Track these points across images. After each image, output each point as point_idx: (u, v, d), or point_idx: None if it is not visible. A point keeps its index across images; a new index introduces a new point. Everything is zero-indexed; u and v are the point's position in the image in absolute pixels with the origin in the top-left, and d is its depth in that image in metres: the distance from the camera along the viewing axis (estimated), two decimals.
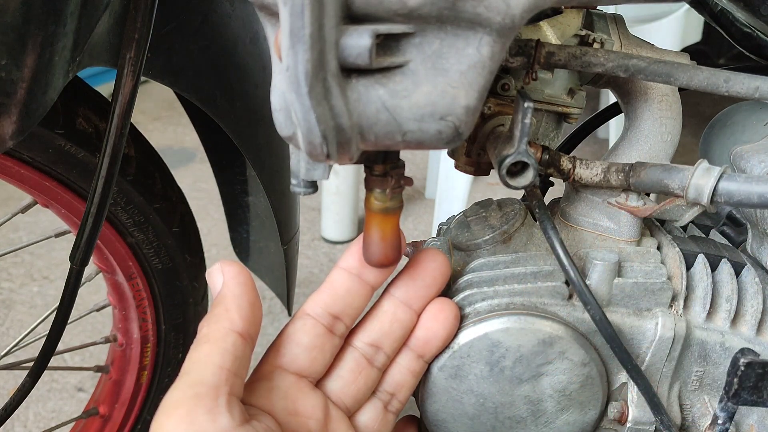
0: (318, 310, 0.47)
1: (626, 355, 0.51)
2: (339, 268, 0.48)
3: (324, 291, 0.47)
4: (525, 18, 0.37)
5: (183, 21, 0.64)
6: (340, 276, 0.47)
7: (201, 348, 0.41)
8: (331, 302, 0.47)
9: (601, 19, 0.59)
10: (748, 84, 0.51)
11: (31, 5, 0.45)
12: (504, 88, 0.57)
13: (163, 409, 0.39)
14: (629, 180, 0.52)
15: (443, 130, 0.38)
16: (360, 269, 0.47)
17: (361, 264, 0.47)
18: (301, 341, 0.46)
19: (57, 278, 1.66)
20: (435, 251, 0.49)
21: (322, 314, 0.47)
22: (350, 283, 0.47)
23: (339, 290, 0.47)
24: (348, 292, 0.47)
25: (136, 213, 0.74)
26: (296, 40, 0.32)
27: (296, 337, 0.46)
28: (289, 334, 0.46)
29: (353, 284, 0.47)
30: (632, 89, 0.57)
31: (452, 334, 0.51)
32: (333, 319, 0.47)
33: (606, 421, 0.57)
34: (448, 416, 0.55)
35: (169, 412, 0.38)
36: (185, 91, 0.67)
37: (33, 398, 1.31)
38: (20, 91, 0.47)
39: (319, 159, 0.37)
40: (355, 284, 0.47)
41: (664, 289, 0.54)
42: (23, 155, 0.65)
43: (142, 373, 0.88)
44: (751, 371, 0.48)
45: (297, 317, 0.47)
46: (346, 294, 0.47)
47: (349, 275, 0.47)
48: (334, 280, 0.47)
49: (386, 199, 0.45)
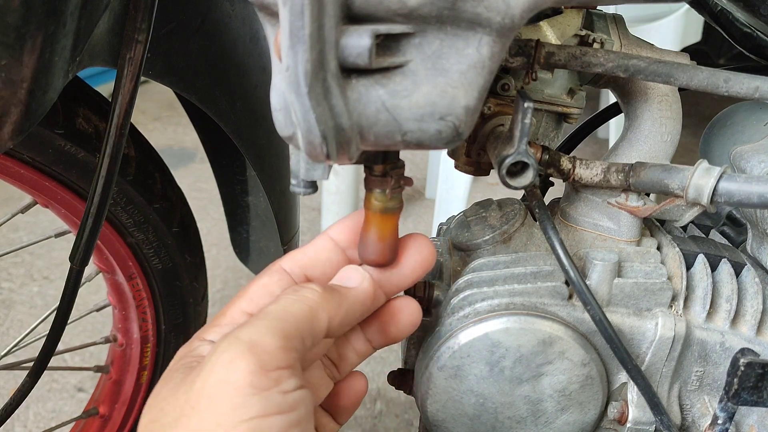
0: (295, 269, 0.47)
1: (626, 355, 0.51)
2: (326, 236, 0.48)
3: (306, 252, 0.48)
4: (525, 18, 0.37)
5: (183, 21, 0.64)
6: (325, 243, 0.48)
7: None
8: (310, 265, 0.47)
9: (601, 19, 0.59)
10: (748, 84, 0.51)
11: (31, 5, 0.45)
12: (504, 88, 0.57)
13: (237, 343, 0.38)
14: (629, 180, 0.52)
15: (443, 130, 0.38)
16: (347, 245, 0.48)
17: (348, 241, 0.47)
18: (274, 293, 0.46)
19: (57, 278, 1.66)
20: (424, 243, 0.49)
21: (299, 273, 0.47)
22: (332, 253, 0.48)
23: (321, 255, 0.48)
24: (328, 260, 0.48)
25: (136, 213, 0.74)
26: (296, 40, 0.32)
27: (271, 288, 0.46)
28: (264, 284, 0.46)
29: (335, 255, 0.48)
30: (632, 89, 0.57)
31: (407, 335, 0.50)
32: (306, 280, 0.47)
33: (606, 421, 0.57)
34: (448, 416, 0.55)
35: (249, 355, 0.37)
36: (185, 91, 0.67)
37: (33, 398, 1.31)
38: (20, 91, 0.47)
39: (319, 159, 0.37)
40: (337, 255, 0.48)
41: (664, 289, 0.54)
42: (23, 155, 0.65)
43: (142, 373, 0.88)
44: (751, 371, 0.48)
45: (273, 270, 0.47)
46: (326, 261, 0.48)
47: (335, 245, 0.48)
48: (319, 245, 0.48)
49: (386, 199, 0.45)
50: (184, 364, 0.42)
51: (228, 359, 0.37)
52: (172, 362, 0.43)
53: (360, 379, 0.51)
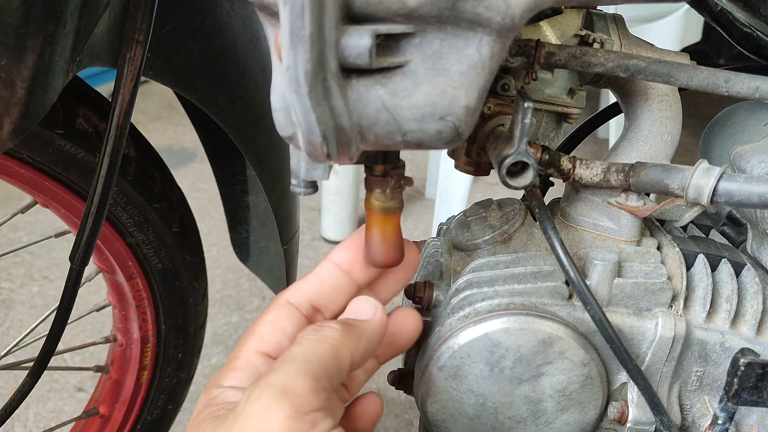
0: (302, 301, 0.46)
1: (626, 355, 0.51)
2: (330, 262, 0.47)
3: (311, 282, 0.47)
4: (525, 18, 0.37)
5: (183, 21, 0.64)
6: (329, 270, 0.47)
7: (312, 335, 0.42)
8: (316, 295, 0.47)
9: (601, 19, 0.59)
10: (748, 84, 0.51)
11: (31, 5, 0.45)
12: (504, 88, 0.57)
13: (271, 390, 0.38)
14: (629, 180, 0.52)
15: (443, 130, 0.38)
16: (350, 266, 0.47)
17: (352, 261, 0.47)
18: (285, 329, 0.45)
19: (57, 278, 1.66)
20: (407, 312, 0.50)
21: (305, 305, 0.46)
22: (338, 279, 0.47)
23: (326, 284, 0.47)
24: (334, 287, 0.47)
25: (136, 213, 0.74)
26: (296, 40, 0.32)
27: (281, 324, 0.45)
28: (272, 321, 0.46)
29: (341, 280, 0.47)
30: (632, 89, 0.57)
31: (411, 344, 0.50)
32: (314, 311, 0.47)
33: (606, 421, 0.57)
34: (448, 416, 0.55)
35: (283, 400, 0.37)
36: (185, 91, 0.67)
37: (33, 398, 1.31)
38: (20, 91, 0.47)
39: (319, 159, 0.37)
40: (342, 280, 0.47)
41: (664, 289, 0.54)
42: (23, 155, 0.64)
43: (142, 373, 0.88)
44: (751, 371, 0.48)
45: (279, 304, 0.46)
46: (332, 289, 0.47)
47: (339, 271, 0.47)
48: (323, 273, 0.47)
49: (386, 199, 0.45)
50: (210, 413, 0.41)
51: (263, 407, 0.37)
52: (195, 411, 0.43)
53: (375, 400, 0.50)
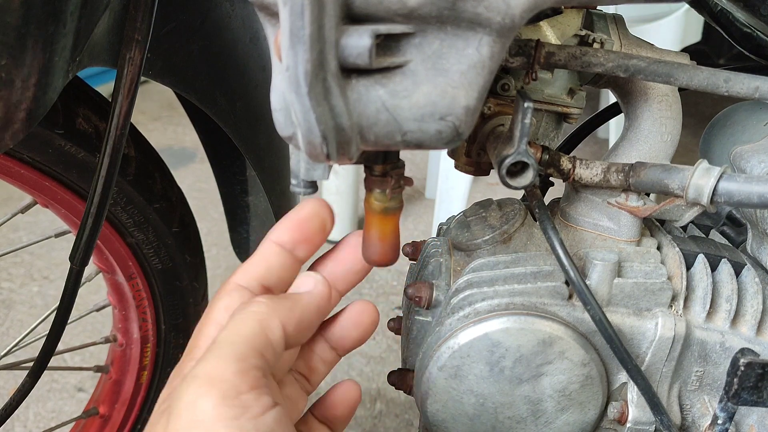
0: (252, 282, 0.46)
1: (626, 355, 0.51)
2: (271, 242, 0.47)
3: (256, 263, 0.47)
4: (525, 18, 0.37)
5: (183, 21, 0.64)
6: (273, 250, 0.47)
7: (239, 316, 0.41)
8: (265, 275, 0.46)
9: (601, 19, 0.59)
10: (748, 84, 0.51)
11: (31, 5, 0.45)
12: (504, 88, 0.57)
13: (196, 382, 0.38)
14: (629, 180, 0.52)
15: (443, 130, 0.38)
16: (292, 245, 0.47)
17: (293, 239, 0.46)
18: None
19: (57, 278, 1.66)
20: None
21: (256, 286, 0.46)
22: (282, 258, 0.47)
23: (274, 264, 0.47)
24: (282, 266, 0.47)
25: (136, 213, 0.74)
26: (296, 40, 0.32)
27: (234, 308, 0.45)
28: (226, 306, 0.45)
29: (286, 259, 0.47)
30: (632, 89, 0.57)
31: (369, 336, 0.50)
32: (265, 290, 0.47)
33: (606, 421, 0.57)
34: (448, 416, 0.55)
35: (209, 389, 0.37)
36: (185, 91, 0.67)
37: (33, 398, 1.31)
38: (20, 91, 0.47)
39: (319, 159, 0.37)
40: (288, 259, 0.47)
41: (664, 289, 0.54)
42: (23, 155, 0.65)
43: (142, 373, 0.88)
44: (751, 371, 0.48)
45: (230, 289, 0.46)
46: (281, 268, 0.47)
47: (281, 249, 0.47)
48: (268, 253, 0.47)
49: (386, 200, 0.45)
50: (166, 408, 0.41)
51: (191, 400, 0.37)
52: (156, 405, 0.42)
53: (353, 387, 0.50)
